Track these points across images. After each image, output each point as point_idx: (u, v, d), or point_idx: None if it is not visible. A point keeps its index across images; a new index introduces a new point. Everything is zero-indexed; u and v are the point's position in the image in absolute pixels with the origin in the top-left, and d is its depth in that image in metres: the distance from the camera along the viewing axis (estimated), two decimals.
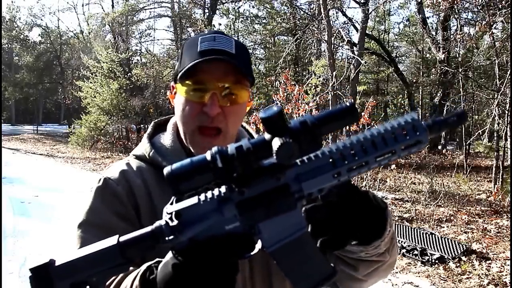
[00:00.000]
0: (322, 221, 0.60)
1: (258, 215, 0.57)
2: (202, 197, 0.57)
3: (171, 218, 0.56)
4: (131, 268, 0.67)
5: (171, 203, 0.58)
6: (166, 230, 0.56)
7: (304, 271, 0.59)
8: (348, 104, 0.55)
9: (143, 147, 0.94)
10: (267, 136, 0.54)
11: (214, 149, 0.54)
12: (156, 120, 1.05)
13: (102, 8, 43.17)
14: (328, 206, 0.60)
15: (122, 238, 0.58)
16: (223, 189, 0.57)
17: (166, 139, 0.95)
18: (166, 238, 0.56)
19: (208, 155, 0.54)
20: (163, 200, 0.85)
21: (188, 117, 0.87)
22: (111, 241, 0.58)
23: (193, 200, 0.57)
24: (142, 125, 17.05)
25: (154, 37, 40.99)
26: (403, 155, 0.57)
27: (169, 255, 0.59)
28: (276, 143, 0.52)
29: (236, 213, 0.56)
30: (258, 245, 0.59)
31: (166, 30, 39.44)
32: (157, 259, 0.64)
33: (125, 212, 0.84)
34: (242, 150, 0.53)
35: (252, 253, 0.59)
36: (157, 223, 0.58)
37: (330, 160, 0.56)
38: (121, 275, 0.70)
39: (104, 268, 0.57)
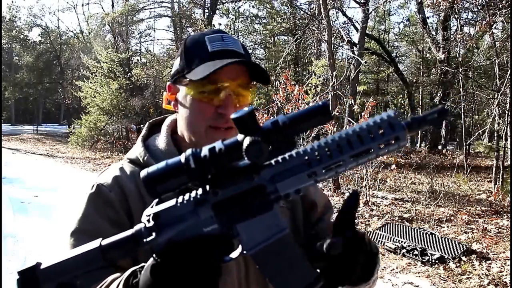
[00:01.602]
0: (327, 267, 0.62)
1: (235, 217, 0.56)
2: (180, 199, 0.57)
3: (148, 220, 0.57)
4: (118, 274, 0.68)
5: (151, 206, 0.58)
6: (144, 232, 0.57)
7: (286, 276, 0.57)
8: (320, 103, 0.55)
9: (137, 151, 0.93)
10: (240, 137, 0.54)
11: (188, 151, 0.55)
12: (151, 121, 1.03)
13: (102, 8, 43.25)
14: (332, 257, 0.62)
15: (104, 242, 0.58)
16: (200, 191, 0.57)
17: (160, 141, 0.94)
18: (144, 240, 0.56)
19: (182, 157, 0.54)
20: None
21: (200, 117, 0.86)
22: (94, 244, 0.58)
23: (171, 202, 0.57)
24: (142, 125, 17.05)
25: (154, 37, 40.97)
26: (383, 154, 0.56)
27: (150, 258, 0.58)
28: (245, 142, 0.52)
29: (212, 215, 0.56)
30: (239, 249, 0.58)
31: (166, 30, 39.53)
32: (142, 264, 0.63)
33: (117, 219, 0.83)
34: (214, 151, 0.54)
35: (232, 257, 0.58)
36: (137, 226, 0.58)
37: (306, 159, 0.55)
38: (109, 280, 0.69)
39: (87, 270, 0.57)
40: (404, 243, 4.57)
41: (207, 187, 0.56)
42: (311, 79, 8.99)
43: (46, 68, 30.99)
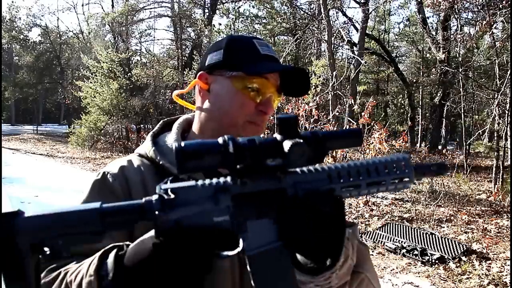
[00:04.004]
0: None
1: (250, 213, 0.55)
2: (200, 181, 0.56)
3: (166, 193, 0.54)
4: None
5: (166, 182, 0.55)
6: (156, 205, 0.53)
7: (273, 286, 0.55)
8: (356, 128, 0.61)
9: (145, 146, 0.95)
10: (278, 136, 0.55)
11: (227, 136, 0.54)
12: (165, 119, 1.06)
13: (102, 8, 43.23)
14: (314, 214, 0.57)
15: (106, 205, 0.53)
16: (222, 179, 0.56)
17: (170, 138, 0.96)
18: (156, 213, 0.52)
19: (220, 139, 0.54)
20: None
21: (241, 111, 0.89)
22: (93, 205, 0.53)
23: (190, 183, 0.55)
24: (142, 125, 17.06)
25: (154, 37, 40.99)
26: (391, 190, 0.61)
27: (150, 233, 0.56)
28: (288, 143, 0.53)
29: (230, 205, 0.55)
30: (239, 248, 0.56)
31: (166, 30, 39.51)
32: (114, 244, 0.61)
33: None
34: (254, 143, 0.54)
35: (230, 254, 0.56)
36: (147, 198, 0.54)
37: (328, 175, 0.58)
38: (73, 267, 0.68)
39: (77, 231, 0.52)
40: (404, 243, 4.57)
41: (236, 176, 0.55)
42: (311, 79, 9.00)
43: (46, 68, 31.00)
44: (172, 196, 0.53)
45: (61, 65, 30.36)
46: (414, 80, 21.54)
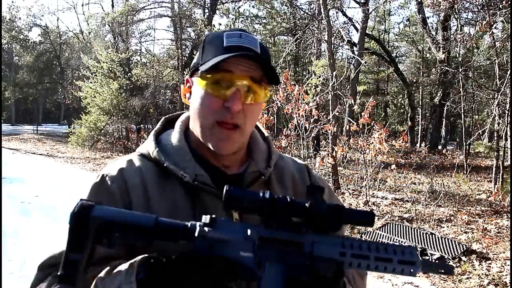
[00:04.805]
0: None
1: (271, 256, 0.64)
2: (236, 219, 0.69)
3: (206, 222, 0.64)
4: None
5: (209, 215, 0.66)
6: (198, 230, 0.63)
7: None
8: (369, 211, 0.68)
9: (148, 145, 0.93)
10: (307, 203, 0.65)
11: (268, 192, 0.64)
12: (167, 116, 1.04)
13: (102, 8, 43.21)
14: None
15: (161, 218, 0.65)
16: (254, 222, 0.67)
17: (173, 137, 0.94)
18: (196, 235, 0.62)
19: (261, 193, 0.64)
20: (160, 200, 0.85)
21: (208, 111, 0.85)
22: (150, 215, 0.65)
23: (228, 218, 0.67)
24: (142, 125, 17.06)
25: (154, 37, 41.03)
26: (397, 272, 0.66)
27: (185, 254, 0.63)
28: (313, 208, 0.64)
29: (256, 244, 0.64)
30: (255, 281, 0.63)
31: (166, 30, 39.52)
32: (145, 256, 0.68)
33: None
34: (287, 201, 0.64)
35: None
36: (192, 222, 0.65)
37: (341, 242, 0.66)
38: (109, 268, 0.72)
39: (134, 231, 0.63)
40: (404, 243, 4.57)
41: (268, 221, 0.65)
42: (311, 79, 8.99)
43: (46, 68, 31.01)
44: (212, 225, 0.64)
45: (61, 65, 30.36)
46: (414, 80, 21.54)
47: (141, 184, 0.86)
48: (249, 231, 0.64)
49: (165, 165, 0.87)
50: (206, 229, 0.63)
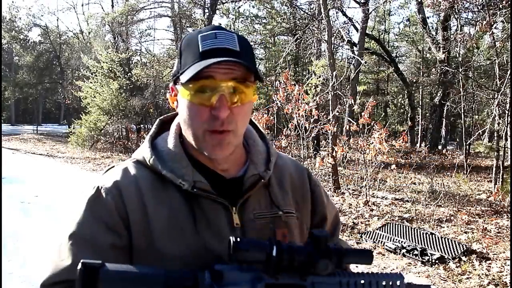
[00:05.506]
0: None
1: None
2: (244, 268, 0.70)
3: (216, 272, 0.68)
4: None
5: (218, 264, 0.70)
6: (207, 279, 0.67)
7: None
8: (368, 249, 0.74)
9: (144, 152, 0.90)
10: (311, 248, 0.69)
11: (275, 241, 0.68)
12: (161, 117, 1.00)
13: (102, 8, 43.21)
14: None
15: (171, 271, 0.67)
16: (260, 270, 0.70)
17: (169, 142, 0.91)
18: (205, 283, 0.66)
19: (267, 242, 0.68)
20: (158, 208, 0.83)
21: (196, 121, 0.82)
22: (159, 269, 0.67)
23: (236, 267, 0.70)
24: (142, 125, 17.06)
25: (154, 37, 40.92)
26: None
27: None
28: (317, 257, 0.68)
29: None
30: None
31: (166, 30, 39.44)
32: None
33: (113, 223, 0.82)
34: (292, 249, 0.68)
35: None
36: (200, 273, 0.68)
37: (339, 281, 0.71)
38: None
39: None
40: (404, 243, 4.57)
41: (271, 270, 0.68)
42: (311, 79, 8.99)
43: (46, 68, 31.03)
44: (219, 278, 0.67)
45: (61, 65, 30.37)
46: (414, 80, 21.54)
47: (137, 194, 0.84)
48: (256, 280, 0.68)
49: (162, 173, 0.85)
50: (214, 275, 0.67)
